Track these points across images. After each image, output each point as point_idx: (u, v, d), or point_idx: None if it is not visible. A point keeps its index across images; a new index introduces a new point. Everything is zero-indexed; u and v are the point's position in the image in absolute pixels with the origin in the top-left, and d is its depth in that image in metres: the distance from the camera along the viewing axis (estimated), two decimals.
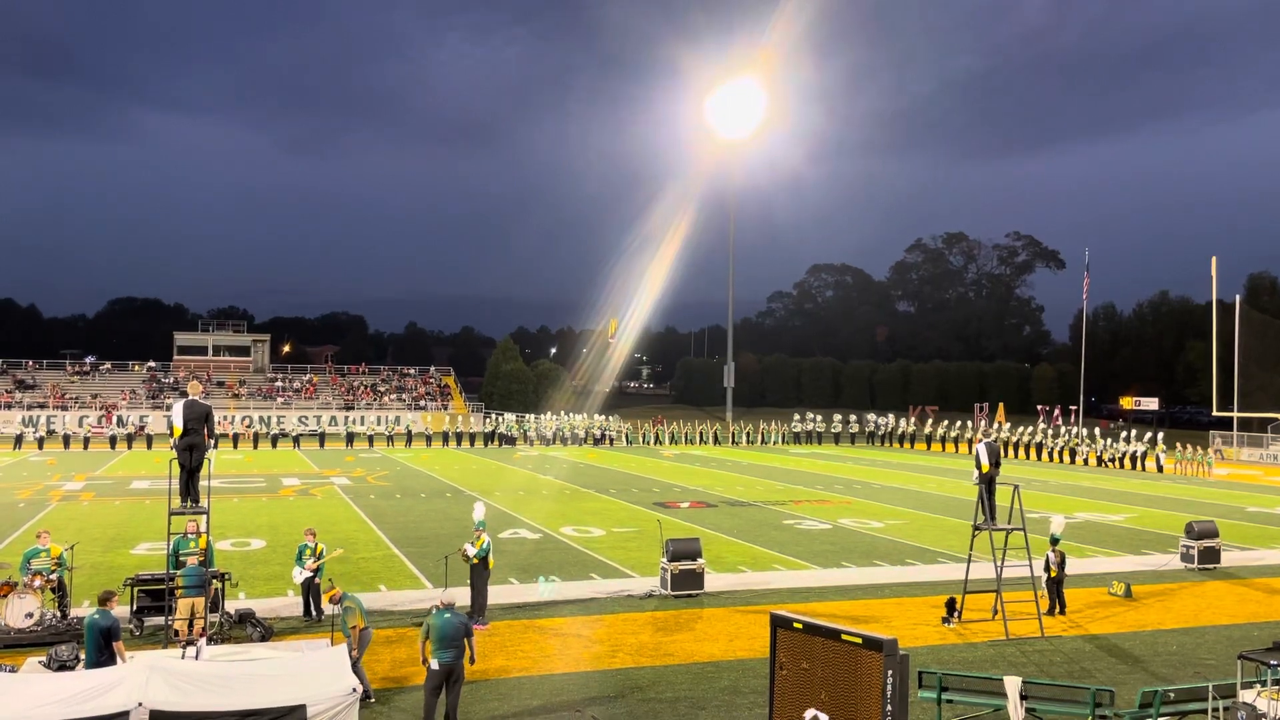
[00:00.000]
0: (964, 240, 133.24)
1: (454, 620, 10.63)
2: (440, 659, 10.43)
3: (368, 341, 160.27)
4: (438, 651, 10.45)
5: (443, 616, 10.63)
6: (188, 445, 13.87)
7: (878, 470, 44.21)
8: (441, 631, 10.49)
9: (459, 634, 10.56)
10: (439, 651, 10.44)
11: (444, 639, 10.47)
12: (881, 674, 8.22)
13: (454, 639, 10.51)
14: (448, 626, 10.53)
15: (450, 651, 10.47)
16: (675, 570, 17.37)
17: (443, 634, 10.48)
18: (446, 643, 10.47)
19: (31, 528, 22.78)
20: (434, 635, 10.51)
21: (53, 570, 14.85)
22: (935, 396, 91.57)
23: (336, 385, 72.71)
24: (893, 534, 24.97)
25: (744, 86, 68.25)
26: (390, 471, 40.37)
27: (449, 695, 10.56)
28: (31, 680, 10.02)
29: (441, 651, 10.44)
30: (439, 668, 10.44)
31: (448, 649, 10.46)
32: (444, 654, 10.44)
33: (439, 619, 10.62)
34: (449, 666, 10.47)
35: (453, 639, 10.50)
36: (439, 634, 10.49)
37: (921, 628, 15.50)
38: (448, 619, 10.61)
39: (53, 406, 61.29)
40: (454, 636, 10.51)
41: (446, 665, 10.45)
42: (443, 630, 10.49)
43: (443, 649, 10.45)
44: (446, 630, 10.50)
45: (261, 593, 17.23)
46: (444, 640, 10.46)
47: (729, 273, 75.08)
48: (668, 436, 61.91)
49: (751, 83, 68.60)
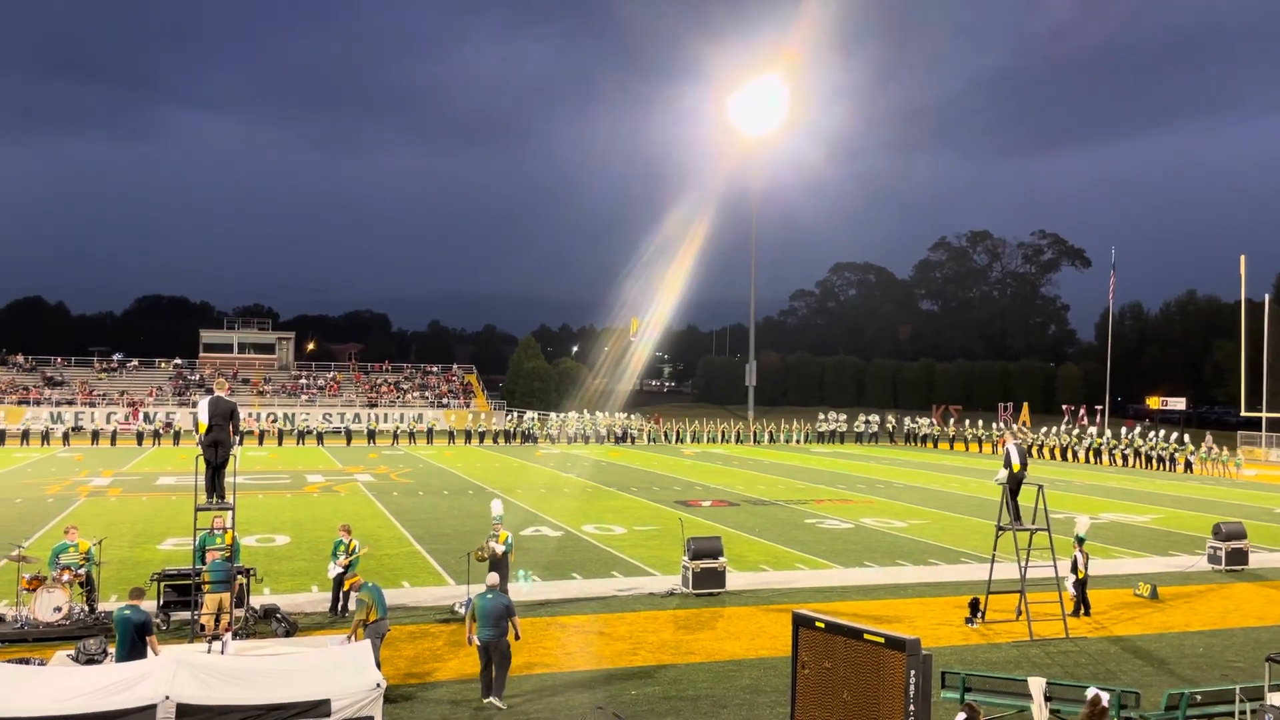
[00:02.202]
0: (988, 238, 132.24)
1: (496, 601, 11.58)
2: (481, 636, 11.41)
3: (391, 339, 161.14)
4: (480, 629, 11.43)
5: (485, 598, 11.61)
6: (213, 442, 14.00)
7: (900, 470, 44.00)
8: (484, 611, 11.46)
9: (500, 614, 11.47)
10: (481, 629, 11.42)
11: (486, 618, 11.42)
12: (904, 674, 8.19)
13: (495, 618, 11.43)
14: (489, 606, 11.49)
15: (491, 630, 11.39)
16: (697, 568, 17.37)
17: (485, 613, 11.44)
18: (488, 621, 11.42)
19: (60, 523, 23.05)
20: (478, 615, 11.50)
21: (81, 565, 15.01)
22: (959, 396, 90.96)
23: (360, 383, 73.14)
24: (916, 534, 24.85)
25: (768, 84, 68.08)
26: (413, 469, 40.57)
27: (496, 669, 11.48)
28: (60, 673, 10.15)
29: (483, 629, 11.40)
30: (481, 644, 11.42)
31: (488, 627, 11.40)
32: (485, 631, 11.40)
33: (482, 600, 11.59)
34: (490, 642, 11.40)
35: (494, 618, 11.42)
36: (482, 613, 11.47)
37: (945, 628, 15.42)
38: (490, 600, 11.57)
39: (81, 403, 61.98)
40: (495, 616, 11.44)
41: (487, 641, 11.38)
42: (485, 610, 11.46)
43: (484, 627, 11.41)
44: (488, 610, 11.46)
45: (286, 588, 17.36)
46: (486, 619, 11.42)
47: (751, 271, 74.96)
48: (690, 435, 61.84)
49: (776, 80, 68.43)
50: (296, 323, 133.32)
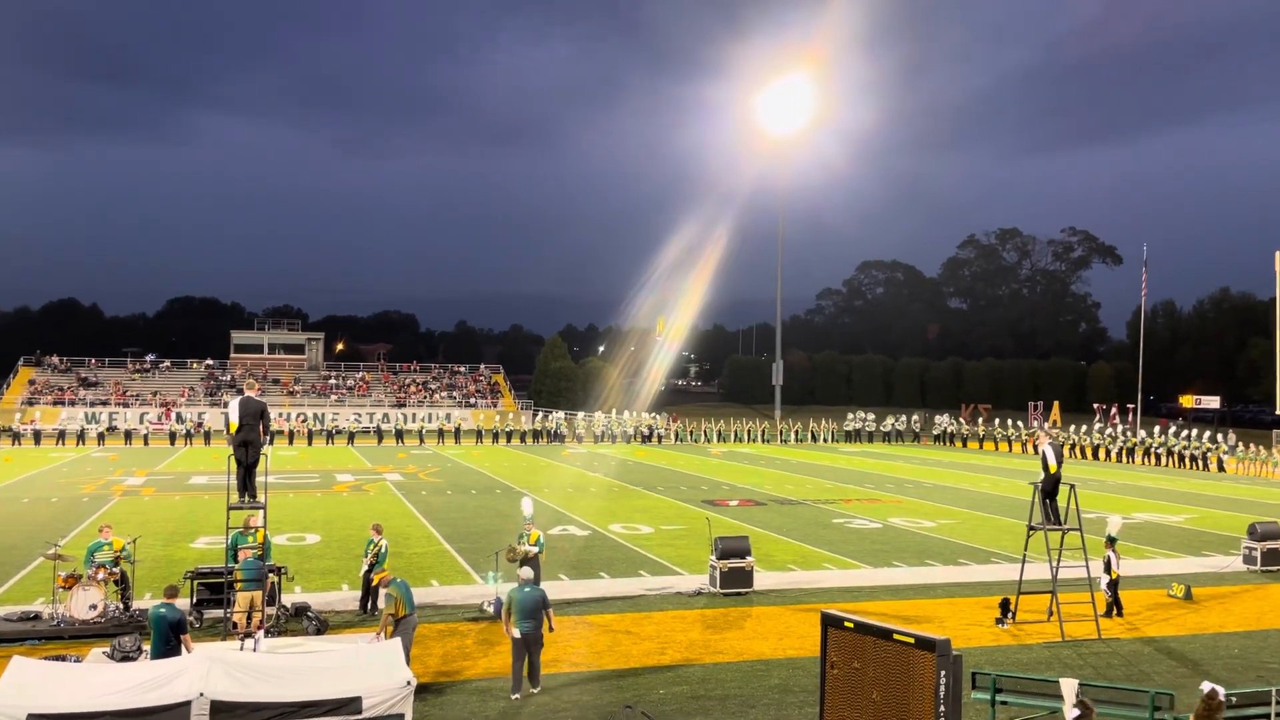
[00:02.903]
0: (1018, 236, 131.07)
1: (533, 594, 11.93)
2: (521, 628, 11.67)
3: (419, 340, 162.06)
4: (519, 622, 11.68)
5: (523, 591, 11.92)
6: (244, 441, 14.14)
7: (929, 469, 43.72)
8: (522, 604, 11.76)
9: (537, 606, 11.85)
10: (520, 622, 11.68)
11: (524, 611, 11.73)
12: (934, 674, 8.13)
13: (533, 611, 11.77)
14: (527, 600, 11.81)
15: (530, 622, 11.71)
16: (724, 568, 17.35)
17: (523, 606, 11.74)
18: (526, 614, 11.72)
19: (94, 522, 23.36)
20: (515, 608, 11.76)
21: (115, 563, 15.21)
22: (988, 395, 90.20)
23: (388, 383, 73.61)
24: (945, 533, 24.68)
25: (794, 83, 67.83)
26: (441, 468, 40.78)
27: (530, 658, 11.83)
28: (96, 670, 10.29)
29: (522, 622, 11.68)
30: (520, 636, 11.67)
31: (527, 619, 11.70)
32: (524, 624, 11.68)
33: (519, 593, 11.89)
34: (529, 635, 11.71)
35: (532, 611, 11.76)
36: (520, 606, 11.75)
37: (975, 628, 15.31)
38: (527, 593, 11.89)
39: (114, 403, 62.79)
40: (533, 609, 11.79)
41: (527, 634, 11.70)
42: (523, 603, 11.76)
43: (523, 619, 11.69)
44: (526, 603, 11.77)
45: (317, 586, 17.51)
46: (524, 612, 11.72)
47: (778, 270, 74.73)
48: (716, 434, 61.73)
49: (802, 79, 68.17)
50: (325, 323, 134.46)
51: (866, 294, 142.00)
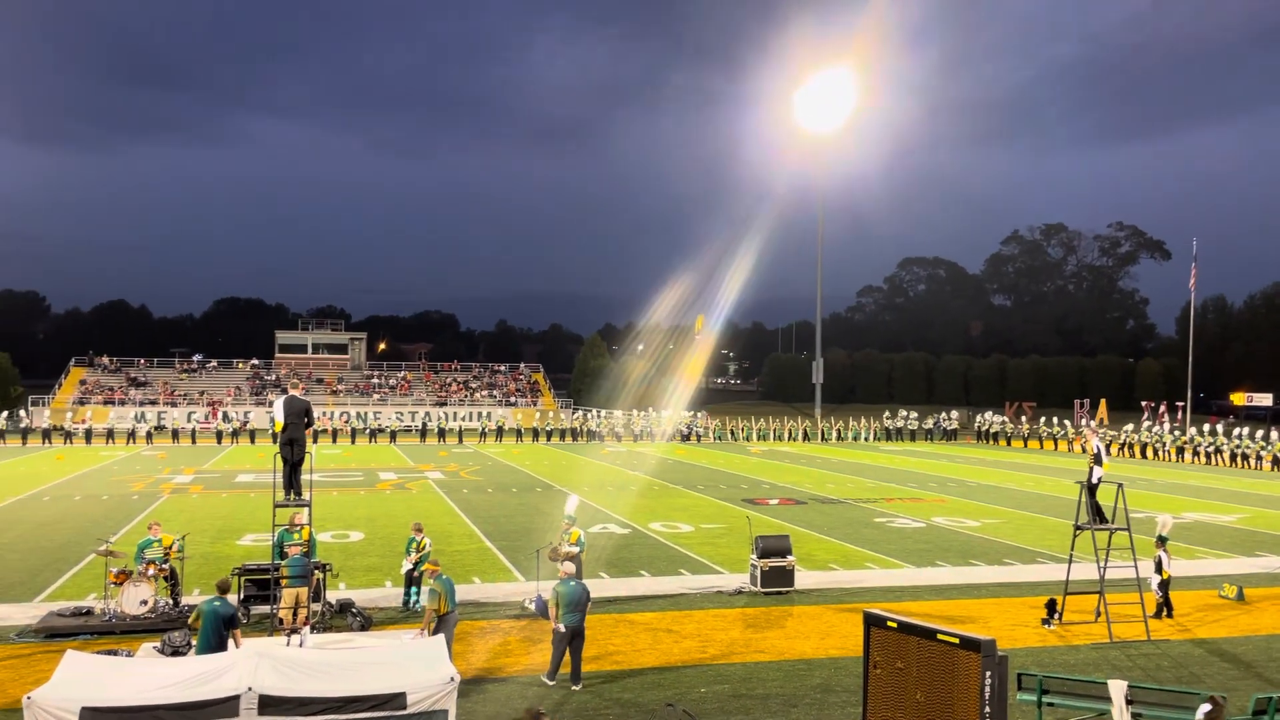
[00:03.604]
0: (1063, 231, 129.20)
1: (578, 588, 12.34)
2: (567, 621, 12.03)
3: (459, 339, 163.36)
4: (565, 615, 12.03)
5: (568, 585, 12.29)
6: (289, 440, 14.33)
7: (973, 468, 43.23)
8: (568, 598, 12.10)
9: (582, 600, 12.27)
10: (566, 615, 12.03)
11: (570, 604, 12.08)
12: (979, 675, 8.04)
13: (578, 604, 12.16)
14: (573, 594, 12.17)
15: (575, 615, 12.09)
16: (765, 567, 17.28)
17: (569, 600, 12.09)
18: (572, 607, 12.07)
19: (144, 519, 23.79)
20: (562, 601, 12.08)
21: (165, 560, 15.49)
22: (1033, 392, 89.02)
23: (430, 382, 74.21)
24: (989, 533, 24.39)
25: (835, 78, 67.35)
26: (482, 466, 41.04)
27: (573, 650, 12.15)
28: (147, 664, 10.47)
29: (568, 615, 12.04)
30: (565, 629, 12.04)
31: (572, 612, 12.07)
32: (570, 616, 12.04)
33: (565, 587, 12.24)
34: (574, 628, 12.08)
35: (577, 604, 12.14)
36: (566, 600, 12.08)
37: (1020, 629, 15.12)
38: (572, 587, 12.27)
39: (163, 403, 63.94)
40: (578, 602, 12.17)
41: (572, 627, 12.06)
42: (569, 597, 12.12)
43: (569, 612, 12.05)
44: (572, 597, 12.13)
45: (361, 583, 17.70)
46: (570, 605, 12.07)
47: (817, 267, 74.26)
48: (756, 433, 61.51)
49: (842, 74, 67.66)
50: (368, 323, 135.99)
51: (908, 291, 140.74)
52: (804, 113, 68.63)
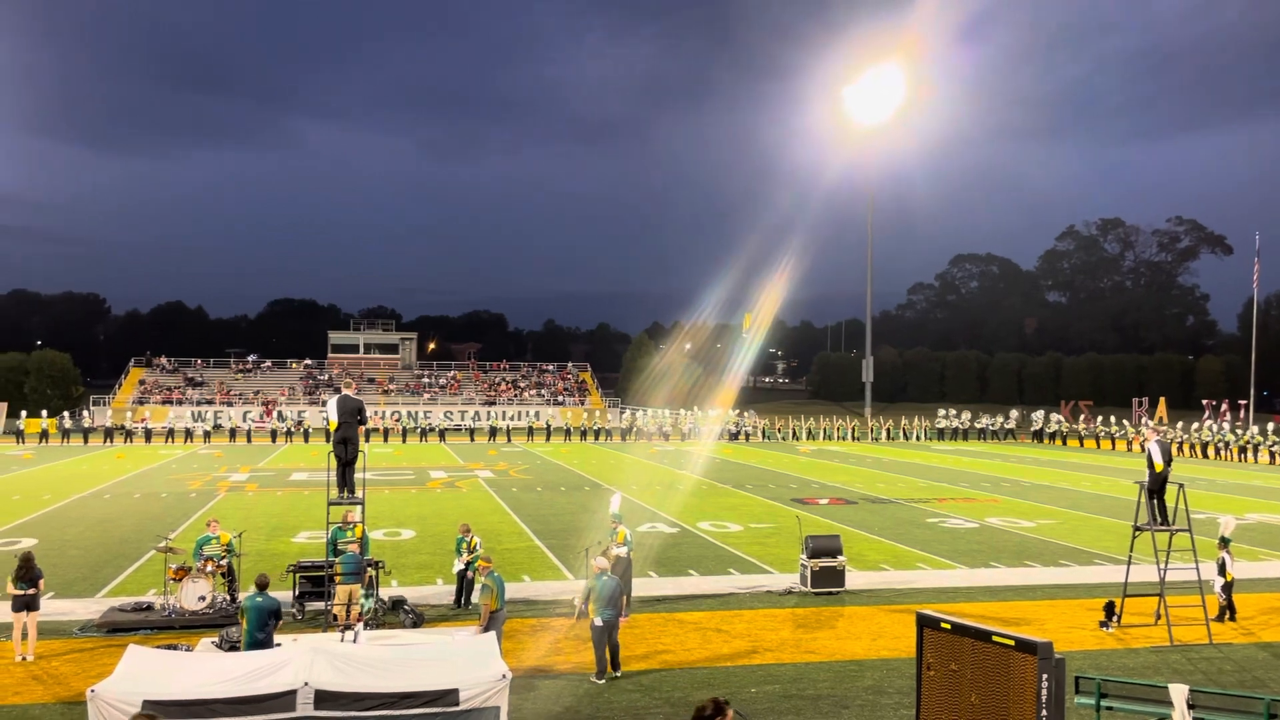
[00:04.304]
0: (1121, 226, 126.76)
1: (612, 583, 12.57)
2: (603, 616, 12.26)
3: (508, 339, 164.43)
4: (601, 610, 12.26)
5: (602, 579, 12.50)
6: (343, 439, 14.52)
7: (1027, 468, 42.56)
8: (602, 593, 12.32)
9: (617, 595, 12.56)
10: (601, 610, 12.26)
11: (605, 599, 12.29)
12: (1036, 678, 7.90)
13: (613, 599, 12.40)
14: (607, 589, 12.39)
15: (610, 609, 12.34)
16: (815, 567, 17.16)
17: (603, 595, 12.31)
18: (607, 602, 12.29)
19: (202, 517, 24.25)
20: (596, 596, 12.34)
21: (223, 556, 15.79)
22: (1089, 391, 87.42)
23: (479, 381, 74.81)
24: (1045, 534, 23.99)
25: (885, 73, 66.66)
26: (531, 465, 41.27)
27: (611, 641, 12.38)
28: (206, 659, 10.69)
29: (604, 609, 12.26)
30: (602, 623, 12.26)
31: (608, 607, 12.29)
32: (605, 611, 12.28)
33: (599, 582, 12.46)
34: (610, 622, 12.31)
35: (612, 599, 12.38)
36: (600, 595, 12.31)
37: (1077, 631, 14.85)
38: (606, 582, 12.48)
39: (219, 402, 65.21)
40: (613, 597, 12.42)
41: (608, 621, 12.28)
42: (603, 592, 12.34)
43: (604, 607, 12.27)
44: (605, 592, 12.34)
45: (412, 581, 17.89)
46: (605, 600, 12.29)
47: (867, 264, 73.64)
48: (805, 432, 61.12)
49: (893, 68, 66.94)
50: (418, 323, 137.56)
51: (960, 288, 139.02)
52: (853, 108, 68.03)
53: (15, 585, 12.81)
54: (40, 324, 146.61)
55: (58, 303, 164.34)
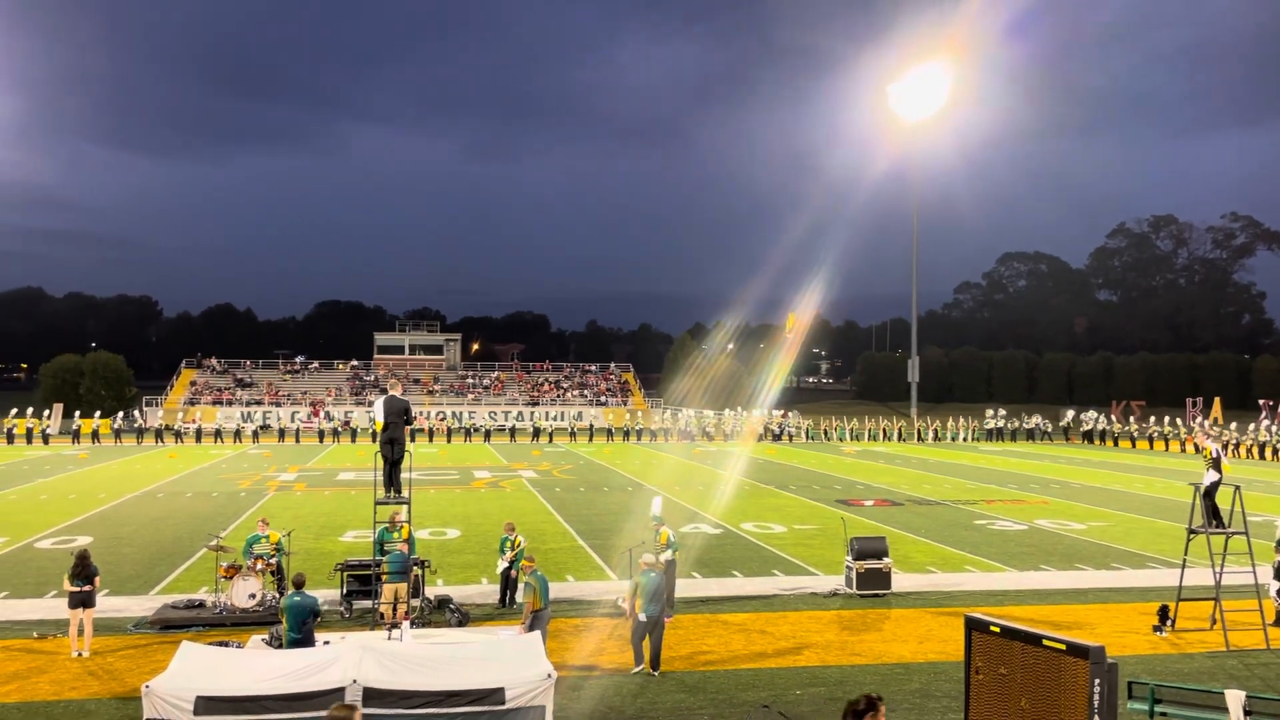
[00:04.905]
0: (1173, 223, 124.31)
1: (657, 580, 12.75)
2: (648, 612, 12.45)
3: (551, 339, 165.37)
4: (645, 605, 12.46)
5: (649, 576, 12.70)
6: (389, 439, 14.67)
7: (1077, 469, 41.87)
8: (647, 589, 12.53)
9: (661, 591, 12.69)
10: (646, 605, 12.46)
11: (650, 595, 12.50)
12: (1088, 683, 7.77)
13: (657, 595, 12.56)
14: (652, 585, 12.59)
15: (655, 605, 12.49)
16: (861, 569, 17.01)
17: (649, 591, 12.52)
18: (651, 598, 12.47)
19: (252, 516, 24.64)
20: (642, 592, 12.54)
21: (272, 555, 16.02)
22: (1142, 391, 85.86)
23: (522, 382, 75.21)
24: (1096, 536, 23.59)
25: (930, 69, 65.92)
26: (574, 465, 41.39)
27: (653, 640, 12.55)
28: (257, 656, 10.85)
29: (648, 605, 12.45)
30: (645, 619, 12.46)
31: (652, 603, 12.47)
32: (650, 607, 12.45)
33: (645, 578, 12.65)
34: (654, 618, 12.48)
35: (656, 595, 12.55)
36: (646, 591, 12.52)
37: (1130, 636, 14.58)
38: (652, 578, 12.68)
39: (267, 403, 66.19)
40: (657, 593, 12.58)
41: (652, 617, 12.47)
42: (648, 588, 12.54)
43: (649, 603, 12.45)
44: (650, 588, 12.54)
45: (458, 580, 18.01)
46: (650, 596, 12.49)
47: (913, 263, 72.95)
48: (849, 433, 60.67)
49: (938, 65, 66.18)
50: (462, 324, 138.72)
51: (1007, 287, 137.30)
52: (899, 104, 67.38)
53: (72, 582, 13.10)
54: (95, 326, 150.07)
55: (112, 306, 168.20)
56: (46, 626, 14.38)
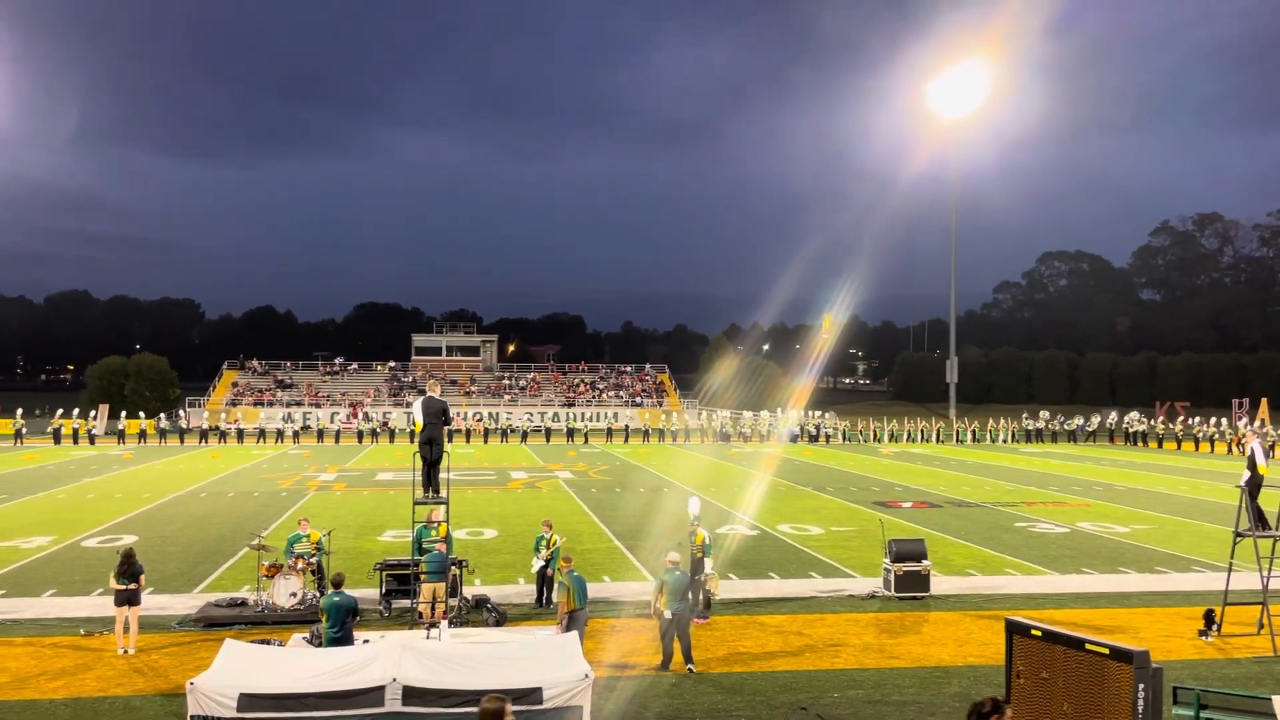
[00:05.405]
0: (1219, 221, 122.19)
1: (683, 578, 12.90)
2: (672, 609, 12.54)
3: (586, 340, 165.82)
4: (670, 603, 12.55)
5: (674, 574, 12.83)
6: (428, 439, 14.77)
7: (1120, 471, 41.25)
8: (672, 587, 12.65)
9: (686, 588, 12.85)
10: (671, 603, 12.55)
11: (675, 593, 12.61)
12: (1131, 688, 7.67)
13: (682, 592, 12.68)
14: (678, 583, 12.73)
15: (680, 603, 12.58)
16: (899, 571, 16.88)
17: (674, 589, 12.63)
18: (676, 595, 12.58)
19: (293, 515, 24.94)
20: (667, 590, 12.65)
21: (313, 554, 16.20)
22: (1186, 391, 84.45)
23: (558, 383, 75.45)
24: (1139, 539, 23.23)
25: (970, 67, 65.23)
26: (610, 466, 41.45)
27: (681, 636, 12.64)
28: (298, 654, 10.98)
29: (673, 602, 12.55)
30: (671, 616, 12.54)
31: (679, 600, 12.57)
32: (675, 604, 12.56)
33: (671, 576, 12.78)
34: (679, 615, 12.56)
35: (681, 593, 12.66)
36: (671, 589, 12.63)
37: (1175, 640, 14.34)
38: (678, 576, 12.83)
39: (307, 404, 66.95)
40: (682, 590, 12.70)
41: (677, 614, 12.55)
42: (674, 586, 12.66)
43: (674, 600, 12.56)
44: (676, 586, 12.67)
45: (495, 580, 18.11)
46: (675, 594, 12.59)
47: (951, 262, 72.23)
48: (887, 434, 60.20)
49: (978, 62, 65.46)
50: (498, 326, 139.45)
51: (1048, 286, 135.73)
52: (936, 102, 66.75)
53: (118, 580, 13.33)
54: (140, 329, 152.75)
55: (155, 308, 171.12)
56: (93, 624, 14.65)
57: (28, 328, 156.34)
